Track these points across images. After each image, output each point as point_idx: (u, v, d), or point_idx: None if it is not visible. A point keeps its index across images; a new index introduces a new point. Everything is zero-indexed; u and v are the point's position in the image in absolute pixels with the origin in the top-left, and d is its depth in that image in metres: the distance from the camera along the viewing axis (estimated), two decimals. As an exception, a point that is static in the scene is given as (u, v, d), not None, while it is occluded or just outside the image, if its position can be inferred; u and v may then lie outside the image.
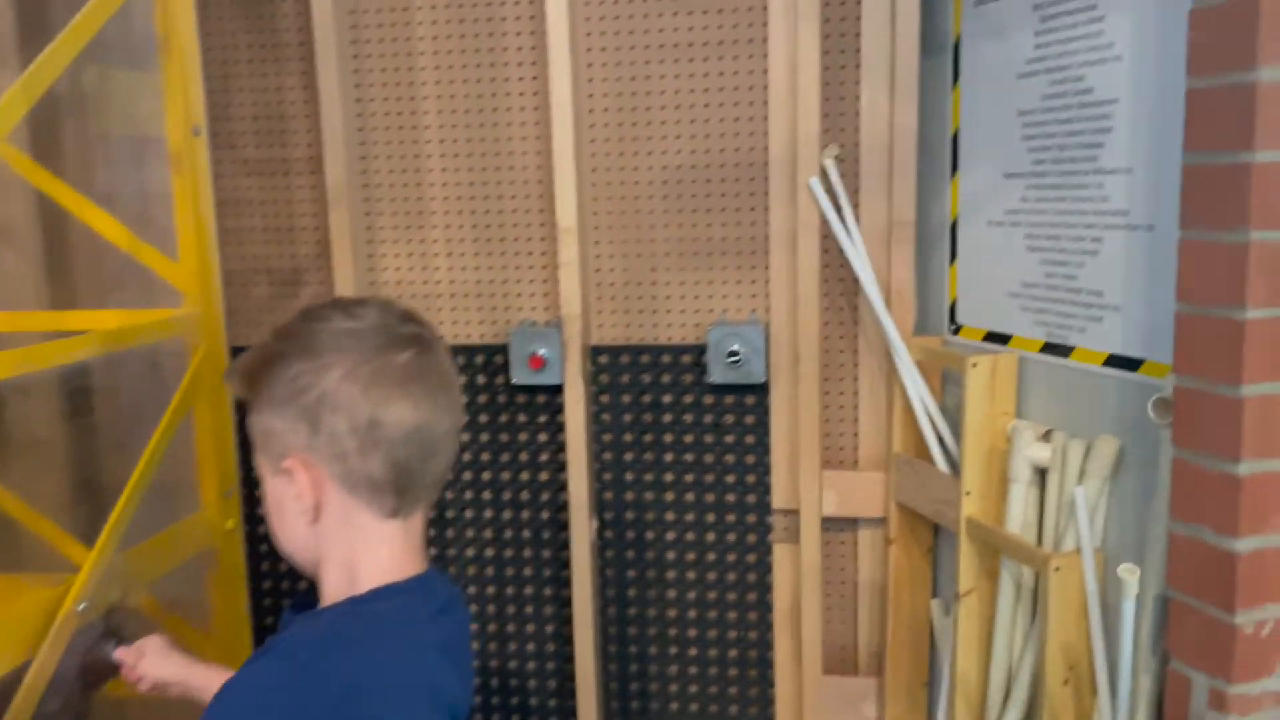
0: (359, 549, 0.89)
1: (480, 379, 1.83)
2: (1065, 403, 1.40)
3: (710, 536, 1.81)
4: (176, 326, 1.33)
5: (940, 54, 1.60)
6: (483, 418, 1.84)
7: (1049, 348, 1.42)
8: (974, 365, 1.45)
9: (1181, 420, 1.10)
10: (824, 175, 1.66)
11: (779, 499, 1.77)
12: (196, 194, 1.30)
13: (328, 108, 1.72)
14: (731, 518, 1.80)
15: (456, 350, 1.82)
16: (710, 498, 1.80)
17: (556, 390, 1.78)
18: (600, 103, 1.74)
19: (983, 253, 1.55)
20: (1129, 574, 1.19)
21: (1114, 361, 1.30)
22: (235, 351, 1.87)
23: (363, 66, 1.79)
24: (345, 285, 1.77)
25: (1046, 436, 1.40)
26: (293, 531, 0.91)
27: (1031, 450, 1.39)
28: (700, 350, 1.75)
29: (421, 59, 1.77)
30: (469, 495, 1.86)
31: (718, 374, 1.72)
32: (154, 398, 1.33)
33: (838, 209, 1.65)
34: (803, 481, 1.73)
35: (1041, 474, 1.40)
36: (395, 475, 0.88)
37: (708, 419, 1.78)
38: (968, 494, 1.48)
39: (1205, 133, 1.05)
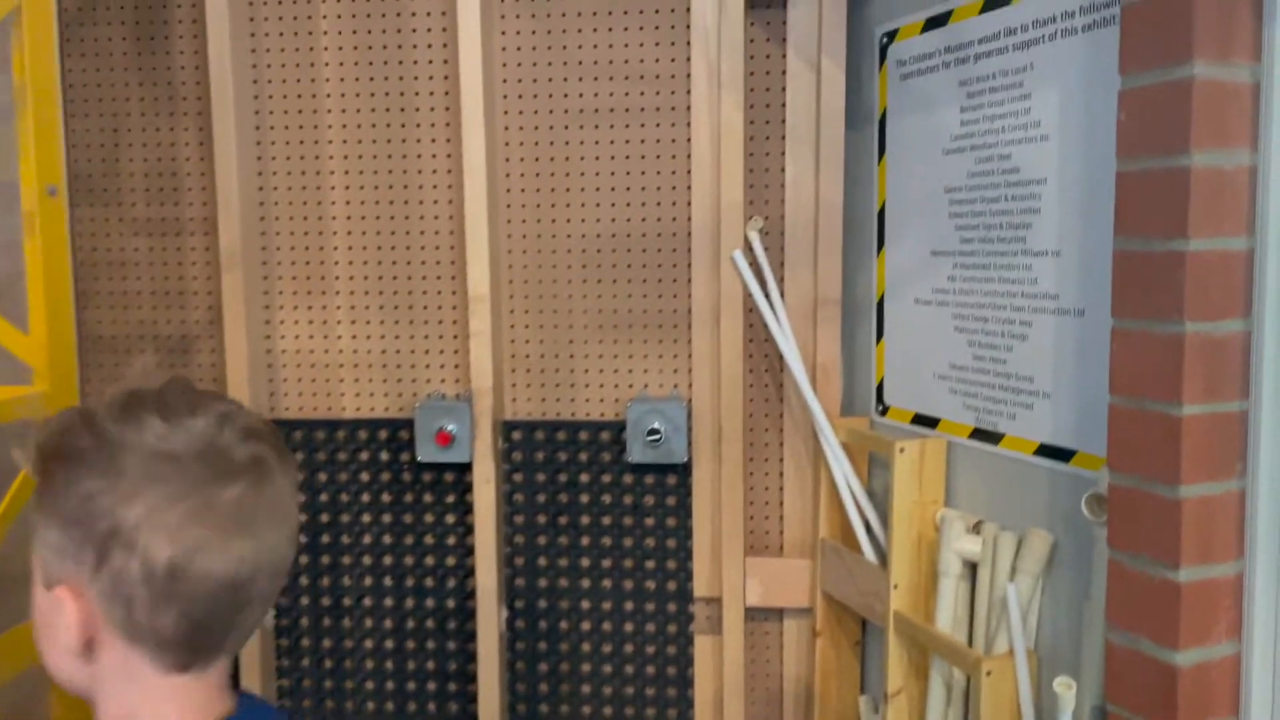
0: (141, 707, 0.75)
1: (383, 455, 1.71)
2: (996, 492, 1.33)
3: (629, 626, 1.70)
4: (23, 406, 1.19)
5: (866, 126, 1.56)
6: (385, 497, 1.71)
7: (979, 433, 1.36)
8: (901, 450, 1.38)
9: (1117, 520, 1.04)
10: (748, 248, 1.60)
11: (701, 587, 1.67)
12: (51, 260, 1.17)
13: (223, 163, 1.62)
14: (651, 606, 1.69)
15: (359, 425, 1.70)
16: (629, 585, 1.69)
17: (465, 468, 1.67)
18: (517, 167, 1.66)
19: (910, 332, 1.49)
20: (1065, 688, 1.11)
21: (1045, 451, 1.24)
22: None
23: (264, 123, 1.68)
24: (238, 354, 1.64)
25: (977, 528, 1.33)
26: (60, 661, 0.75)
27: (961, 543, 1.31)
28: (619, 427, 1.66)
29: (329, 115, 1.68)
30: (368, 582, 1.73)
31: (637, 453, 1.63)
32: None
33: (762, 283, 1.59)
34: (726, 569, 1.63)
35: (973, 567, 1.33)
36: (190, 633, 0.73)
37: (627, 500, 1.68)
38: (895, 587, 1.40)
39: (1136, 218, 1.01)
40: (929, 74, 1.42)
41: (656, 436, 1.61)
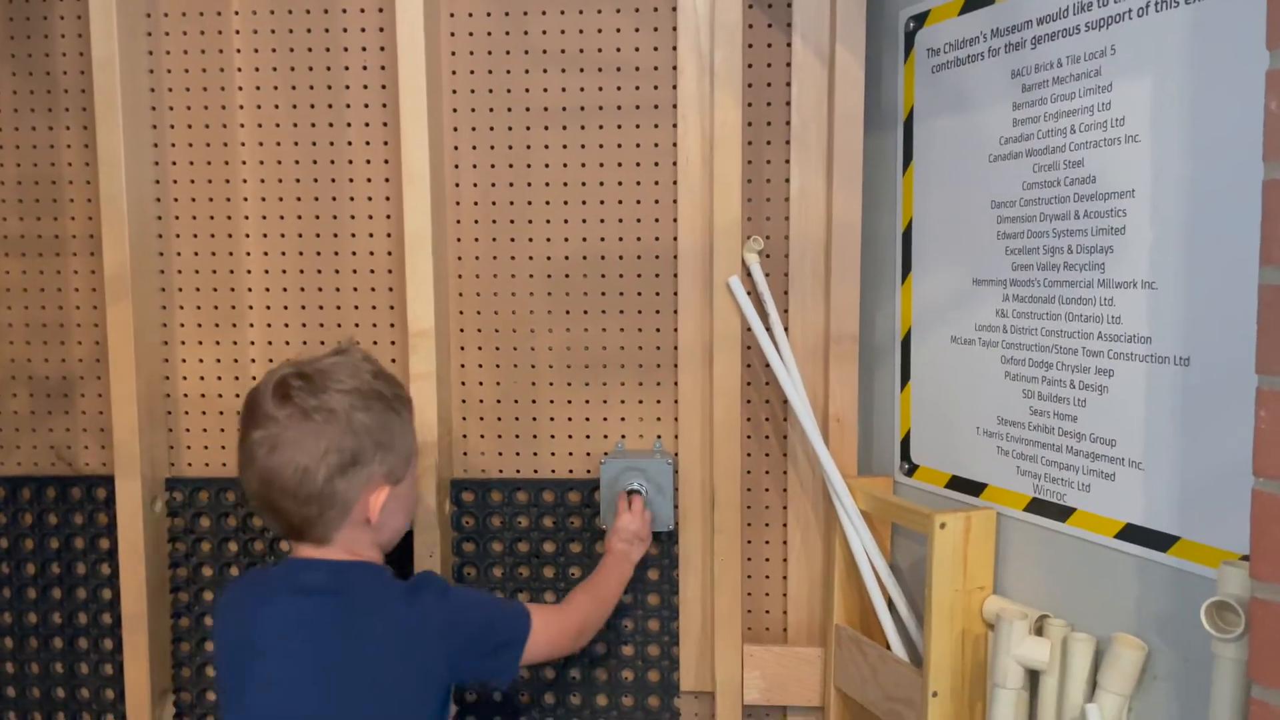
0: None
1: (308, 521, 1.41)
2: (1062, 582, 1.07)
3: (601, 724, 1.42)
4: None
5: (888, 129, 1.30)
6: (309, 572, 1.42)
7: (1038, 506, 1.09)
8: (942, 525, 1.12)
9: (1261, 645, 0.77)
10: (746, 273, 1.33)
11: (689, 679, 1.39)
12: None
13: (109, 170, 1.32)
14: (629, 701, 1.41)
15: (276, 485, 1.40)
16: (601, 675, 1.41)
17: (407, 536, 1.38)
18: (468, 176, 1.38)
19: (945, 376, 1.23)
20: None
21: (1134, 534, 0.98)
22: None
23: (162, 122, 1.40)
24: (125, 399, 1.35)
25: (1040, 626, 1.07)
26: None
27: (1025, 648, 1.05)
28: (591, 486, 1.38)
29: (240, 113, 1.39)
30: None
31: (613, 519, 1.35)
32: None
33: (763, 315, 1.32)
34: (719, 658, 1.36)
35: (1032, 674, 1.07)
36: None
37: (599, 573, 1.40)
38: (935, 695, 1.13)
39: (1288, 241, 0.75)
40: (970, 64, 1.17)
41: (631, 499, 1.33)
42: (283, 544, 1.41)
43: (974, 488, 1.18)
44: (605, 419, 1.40)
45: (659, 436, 1.40)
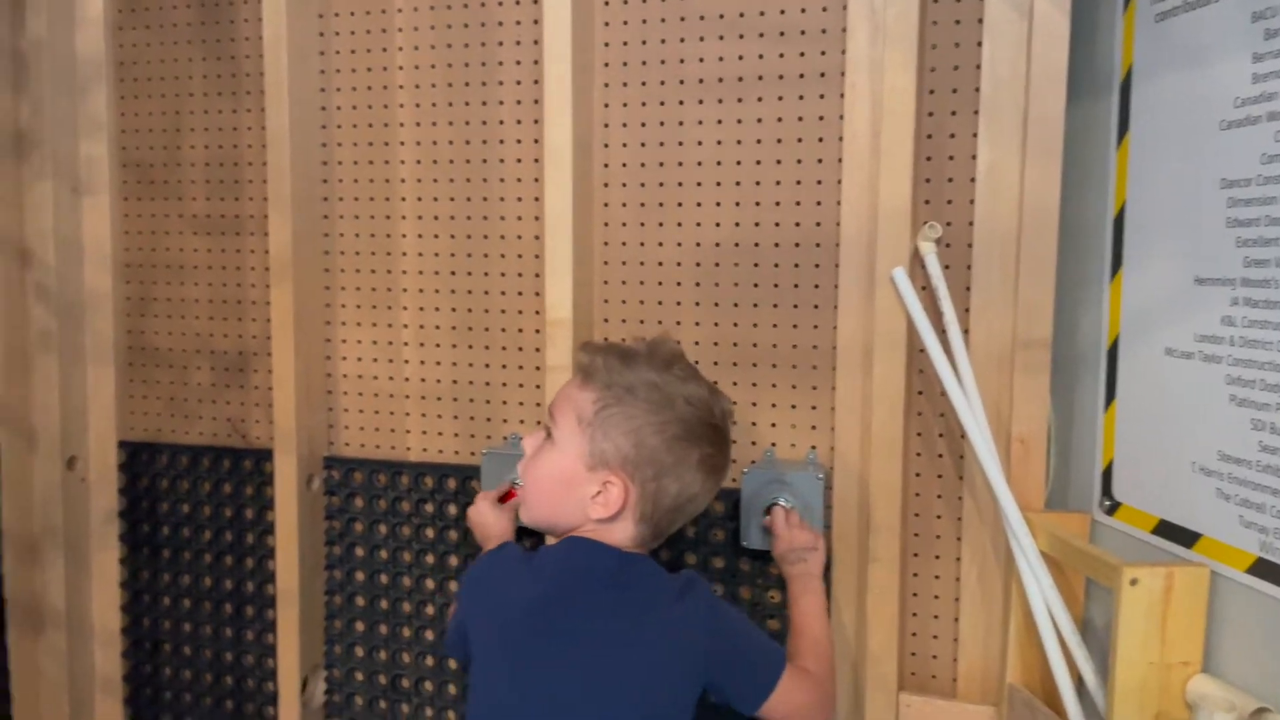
0: None
1: (451, 509, 1.39)
2: (1292, 668, 0.82)
3: (738, 760, 1.28)
4: None
5: (1100, 95, 1.07)
6: (451, 561, 1.39)
7: (1265, 567, 0.85)
8: (1133, 582, 0.90)
9: None
10: (920, 265, 1.15)
11: (836, 723, 1.24)
12: None
13: (275, 152, 1.34)
14: (769, 738, 1.27)
15: (424, 470, 1.39)
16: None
17: (538, 538, 1.32)
18: (618, 155, 1.29)
19: (1159, 396, 0.99)
20: None
21: (1392, 622, 0.73)
22: (136, 451, 1.52)
23: (330, 103, 1.41)
24: (285, 381, 1.37)
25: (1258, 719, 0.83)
26: None
27: (1228, 748, 0.82)
28: (734, 499, 1.25)
29: (400, 93, 1.38)
30: (429, 662, 1.41)
31: (755, 538, 1.22)
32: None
33: (938, 314, 1.14)
34: (869, 705, 1.19)
35: (1246, 782, 0.83)
36: None
37: (743, 594, 1.27)
38: (1115, 789, 0.91)
39: None
40: (1203, 6, 0.93)
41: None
42: (428, 530, 1.39)
43: (1187, 537, 0.95)
44: (754, 424, 1.27)
45: (813, 447, 1.25)
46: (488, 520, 1.19)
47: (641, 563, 1.00)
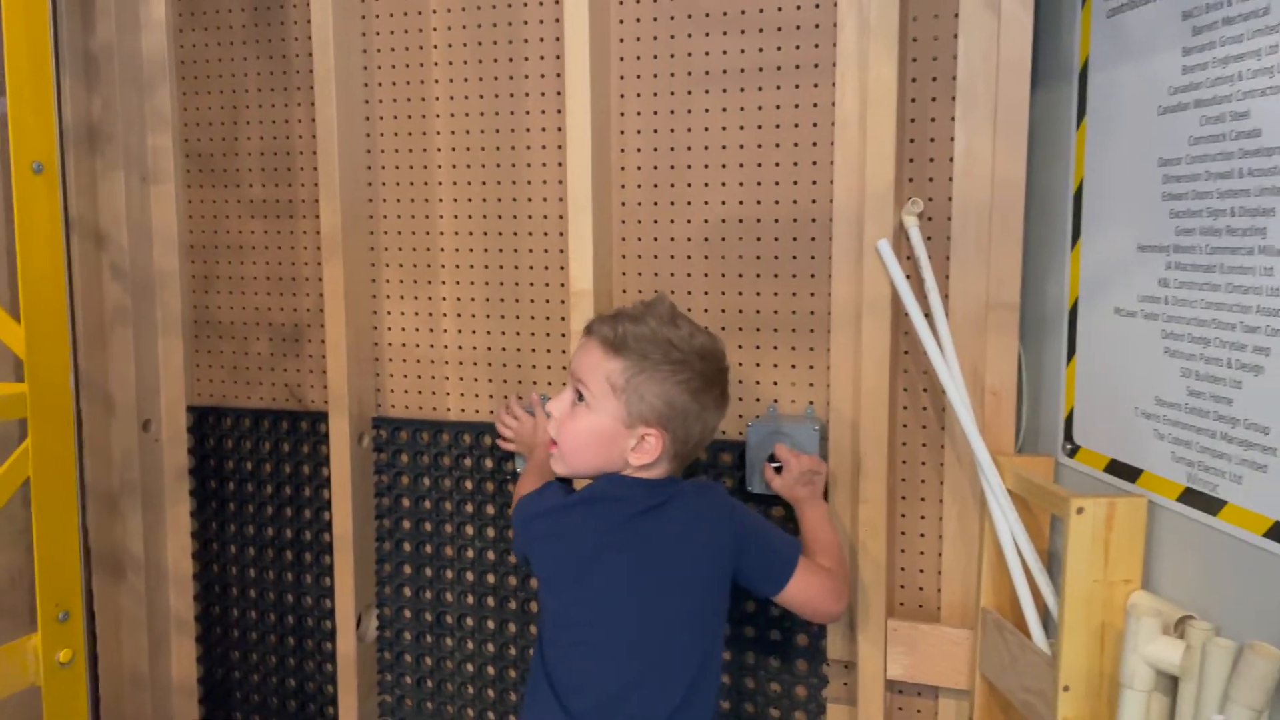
0: None
1: (487, 463, 1.54)
2: (1211, 580, 0.96)
3: (749, 683, 1.44)
4: (11, 406, 1.09)
5: (1061, 82, 1.20)
6: (489, 509, 1.55)
7: (1191, 496, 0.99)
8: (1079, 510, 1.04)
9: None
10: (904, 236, 1.28)
11: (836, 648, 1.38)
12: (37, 243, 1.07)
13: (325, 141, 1.50)
14: (775, 663, 1.42)
15: (463, 428, 1.54)
16: (750, 632, 1.43)
17: (567, 481, 1.47)
18: (633, 141, 1.43)
19: (1109, 351, 1.13)
20: None
21: (1283, 534, 0.86)
22: (203, 415, 1.69)
23: (373, 96, 1.55)
24: (337, 348, 1.53)
25: (1180, 627, 0.97)
26: None
27: (1154, 646, 0.96)
28: (739, 450, 1.39)
29: (436, 87, 1.52)
30: (470, 600, 1.57)
31: (759, 483, 1.36)
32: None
33: (918, 280, 1.27)
34: (860, 629, 1.34)
35: (1173, 679, 0.97)
36: None
37: (752, 534, 1.41)
38: (1065, 690, 1.05)
39: None
40: (1144, 5, 1.05)
41: (780, 465, 1.33)
42: (467, 483, 1.55)
43: (1131, 473, 1.09)
44: (758, 382, 1.41)
45: (810, 402, 1.39)
46: (529, 429, 1.44)
47: (672, 484, 1.18)
